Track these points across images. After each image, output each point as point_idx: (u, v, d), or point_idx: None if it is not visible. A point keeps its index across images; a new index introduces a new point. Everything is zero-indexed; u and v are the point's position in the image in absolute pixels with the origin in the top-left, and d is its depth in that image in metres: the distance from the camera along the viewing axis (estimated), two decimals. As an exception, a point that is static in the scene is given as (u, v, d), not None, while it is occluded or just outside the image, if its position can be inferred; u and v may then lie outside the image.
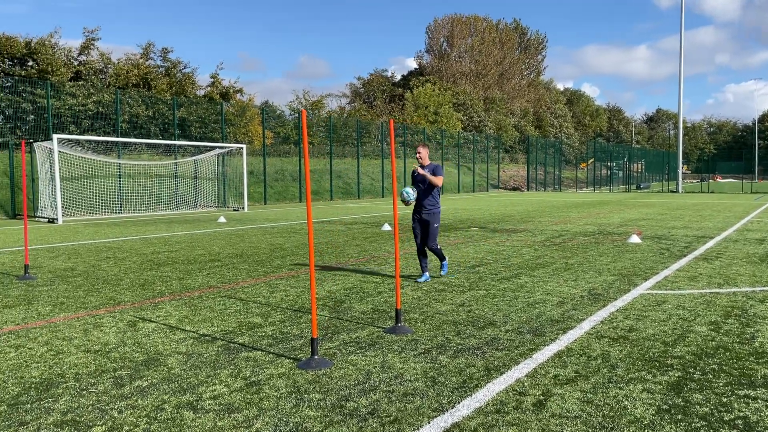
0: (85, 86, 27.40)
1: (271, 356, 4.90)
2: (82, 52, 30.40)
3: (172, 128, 28.39)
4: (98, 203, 22.59)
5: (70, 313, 6.46)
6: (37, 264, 9.91)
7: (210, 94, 35.62)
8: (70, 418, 3.67)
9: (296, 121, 40.46)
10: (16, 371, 4.55)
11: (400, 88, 64.71)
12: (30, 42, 27.05)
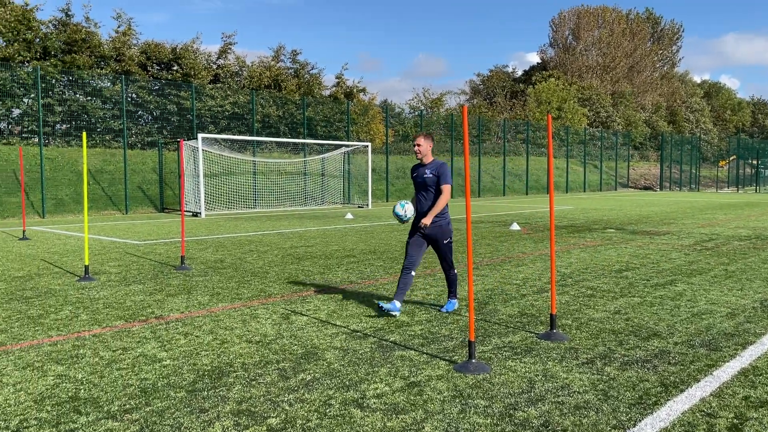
0: (222, 88, 29.14)
1: (425, 356, 4.83)
2: (220, 56, 32.35)
3: (301, 127, 29.47)
4: (235, 198, 23.93)
5: (227, 304, 6.80)
6: (189, 255, 10.58)
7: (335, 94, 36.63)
8: (245, 407, 3.80)
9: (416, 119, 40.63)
10: (188, 358, 4.82)
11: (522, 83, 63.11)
12: (175, 48, 29.18)
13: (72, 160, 22.87)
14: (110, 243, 12.55)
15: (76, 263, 9.71)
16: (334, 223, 17.42)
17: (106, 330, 5.67)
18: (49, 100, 23.19)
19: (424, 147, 6.16)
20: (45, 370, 4.51)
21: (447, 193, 6.04)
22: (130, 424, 3.55)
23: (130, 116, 25.43)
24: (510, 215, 20.25)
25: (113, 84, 25.19)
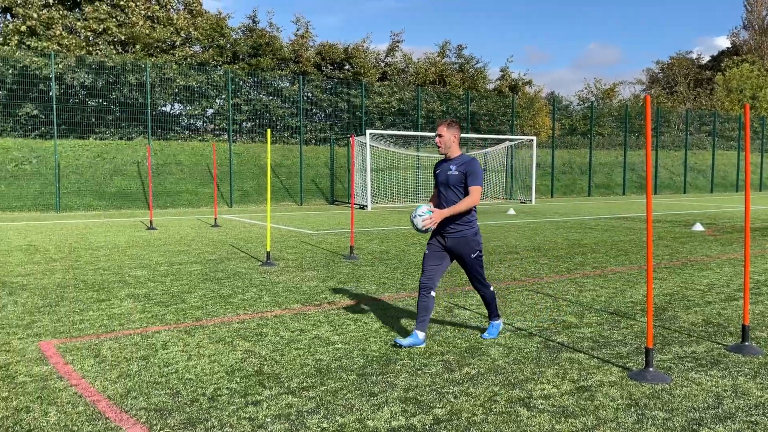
0: (389, 85, 30.04)
1: (595, 361, 4.61)
2: (388, 54, 33.36)
3: (464, 122, 29.45)
4: (398, 192, 24.60)
5: (392, 293, 7.02)
6: (357, 246, 11.08)
7: (500, 87, 36.11)
8: (412, 395, 3.90)
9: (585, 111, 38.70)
10: (358, 343, 5.05)
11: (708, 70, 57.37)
12: (347, 48, 30.63)
13: (255, 155, 24.96)
14: (287, 232, 13.53)
15: (259, 249, 10.61)
16: (495, 219, 17.21)
17: (285, 312, 6.14)
18: (237, 100, 25.52)
19: (446, 137, 4.93)
20: (234, 345, 4.99)
21: (475, 196, 4.82)
22: (308, 401, 3.81)
23: (306, 114, 27.15)
24: (692, 214, 18.56)
25: (292, 84, 27.07)
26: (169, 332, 5.36)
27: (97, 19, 24.81)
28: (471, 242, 4.94)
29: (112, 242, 11.48)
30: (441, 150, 4.99)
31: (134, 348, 4.88)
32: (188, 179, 22.73)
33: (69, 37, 23.97)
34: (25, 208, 18.96)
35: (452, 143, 4.95)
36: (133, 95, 23.44)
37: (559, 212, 19.81)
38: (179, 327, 5.54)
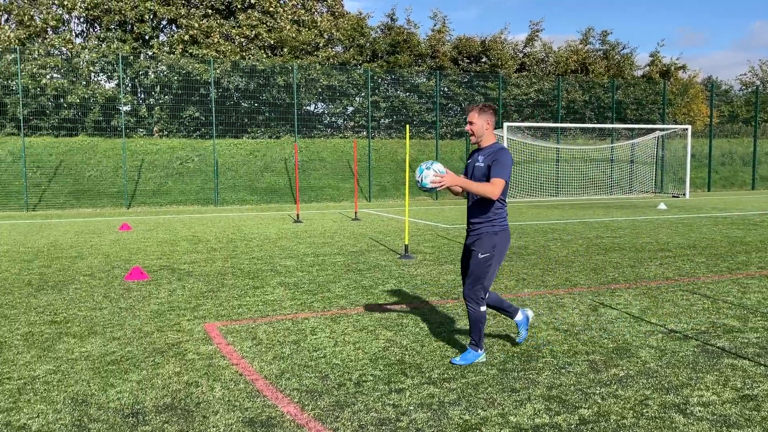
0: (528, 76, 29.27)
1: (762, 368, 4.21)
2: (527, 45, 32.49)
3: (608, 112, 27.96)
4: (537, 186, 23.92)
5: (532, 290, 6.88)
6: (495, 240, 10.96)
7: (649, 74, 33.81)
8: (555, 394, 3.82)
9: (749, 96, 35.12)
10: (498, 338, 5.02)
11: None
12: (485, 40, 30.29)
13: (393, 151, 25.49)
14: (424, 226, 13.70)
15: (397, 242, 10.85)
16: (644, 214, 16.19)
17: (424, 304, 6.24)
18: (375, 97, 26.19)
19: (478, 125, 4.35)
20: (377, 334, 5.17)
21: (495, 188, 4.19)
22: (449, 393, 3.86)
23: (442, 109, 27.24)
24: None
25: (428, 79, 27.27)
26: (316, 319, 5.67)
27: (250, 25, 26.61)
28: (485, 241, 4.30)
29: (264, 234, 12.30)
30: (473, 139, 4.42)
31: (286, 332, 5.22)
32: (330, 175, 23.74)
33: (225, 44, 25.95)
34: (188, 202, 20.86)
35: (485, 131, 4.37)
36: (281, 96, 24.90)
37: (718, 207, 18.20)
38: (326, 314, 5.83)
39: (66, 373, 4.21)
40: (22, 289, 7.03)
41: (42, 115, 22.68)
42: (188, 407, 3.64)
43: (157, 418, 3.49)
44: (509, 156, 4.31)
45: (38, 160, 20.90)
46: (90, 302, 6.34)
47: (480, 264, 4.29)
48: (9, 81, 22.17)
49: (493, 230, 4.32)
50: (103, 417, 3.50)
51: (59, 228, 13.73)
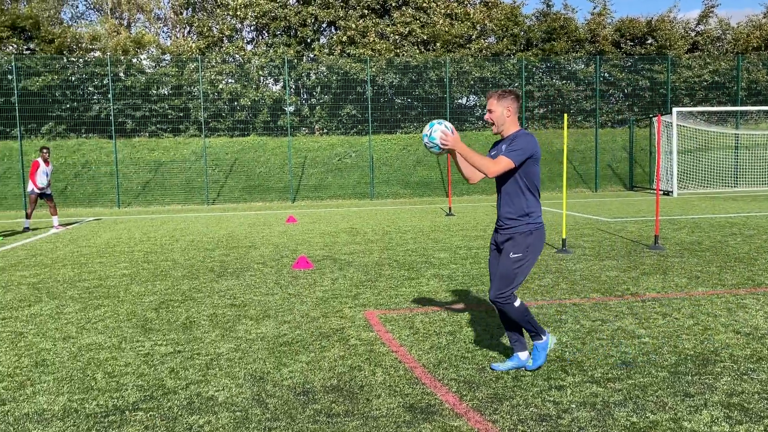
0: (701, 57, 26.79)
1: None
2: (700, 22, 29.72)
3: (801, 91, 24.74)
4: (711, 176, 21.86)
5: (707, 289, 6.33)
6: (662, 235, 10.21)
7: None
8: (737, 401, 3.50)
9: None
10: (668, 339, 4.70)
11: None
12: (650, 20, 28.19)
13: (548, 142, 24.67)
14: (582, 219, 13.12)
15: (553, 236, 10.51)
16: None
17: (584, 301, 6.00)
18: (530, 87, 25.50)
19: (498, 112, 3.97)
20: (534, 328, 5.07)
21: (495, 165, 3.84)
22: (614, 393, 3.69)
23: (602, 96, 25.83)
24: None
25: (587, 65, 26.00)
26: (471, 311, 5.69)
27: (404, 23, 27.15)
28: (519, 240, 3.94)
29: (417, 227, 12.55)
30: (494, 129, 4.05)
31: (442, 323, 5.30)
32: (483, 167, 23.55)
33: (380, 42, 26.72)
34: (346, 196, 21.85)
35: (506, 119, 3.97)
36: (433, 90, 25.14)
37: None
38: (480, 308, 5.83)
39: (245, 352, 4.64)
40: (206, 275, 7.83)
41: (219, 117, 24.97)
42: (352, 389, 3.84)
43: (325, 397, 3.73)
44: (530, 141, 3.88)
45: (216, 158, 23.07)
46: (263, 288, 6.91)
47: (510, 265, 3.92)
48: (192, 87, 24.67)
49: (527, 229, 3.95)
50: (278, 393, 3.82)
51: (235, 220, 15.06)
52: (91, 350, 4.75)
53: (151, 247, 10.51)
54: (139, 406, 3.66)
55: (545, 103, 26.38)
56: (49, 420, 3.48)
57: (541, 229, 3.99)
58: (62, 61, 24.48)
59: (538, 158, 3.94)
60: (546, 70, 26.61)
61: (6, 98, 22.27)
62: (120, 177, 21.04)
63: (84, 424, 3.42)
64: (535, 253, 3.97)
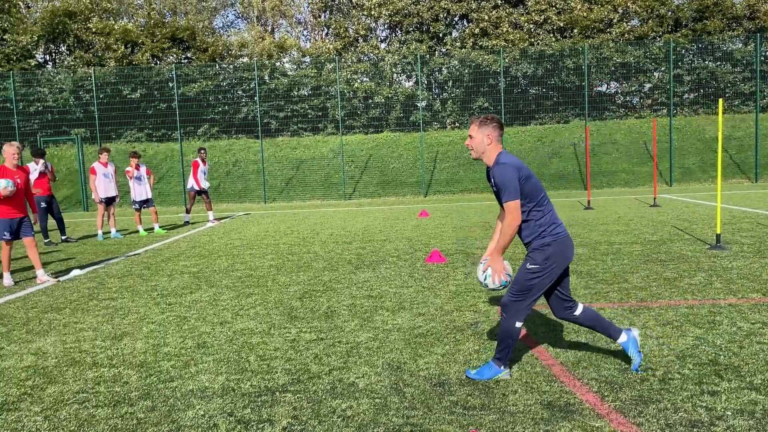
0: None
1: None
2: None
3: None
4: None
5: None
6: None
7: None
8: None
9: None
10: None
11: None
12: (824, -11, 25.10)
13: (699, 129, 22.83)
14: (740, 212, 12.02)
15: (705, 231, 9.75)
16: None
17: (742, 301, 5.53)
18: (678, 70, 23.72)
19: (477, 140, 3.89)
20: (683, 330, 4.76)
21: (510, 215, 3.75)
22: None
23: (763, 77, 23.41)
24: None
25: (745, 45, 23.68)
26: (613, 310, 5.45)
27: (539, 11, 26.36)
28: (537, 254, 3.81)
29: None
30: (473, 155, 3.96)
31: (581, 321, 5.14)
32: (624, 158, 22.31)
33: (513, 32, 26.17)
34: (478, 190, 21.68)
35: (486, 146, 3.87)
36: (570, 79, 24.18)
37: None
38: (623, 306, 5.57)
39: (383, 342, 4.81)
40: (345, 266, 8.18)
41: (354, 115, 25.80)
42: (488, 384, 3.85)
43: (461, 390, 3.78)
44: (507, 169, 3.74)
45: (352, 155, 23.88)
46: (398, 281, 7.09)
47: (525, 274, 3.82)
48: (329, 87, 25.71)
49: (544, 242, 3.82)
50: (414, 383, 3.93)
51: (370, 215, 15.53)
52: (244, 335, 5.17)
53: (295, 240, 11.15)
54: (288, 388, 3.94)
55: (696, 87, 24.41)
56: (210, 397, 3.85)
57: (560, 239, 3.85)
58: (215, 67, 26.56)
59: (527, 175, 3.81)
60: (697, 51, 24.59)
61: (168, 104, 24.61)
62: (266, 174, 22.47)
63: (240, 402, 3.75)
64: (555, 266, 3.82)
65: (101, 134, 23.44)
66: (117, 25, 28.63)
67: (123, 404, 3.77)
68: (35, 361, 4.67)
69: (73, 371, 4.41)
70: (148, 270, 8.54)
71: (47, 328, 5.64)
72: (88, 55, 28.22)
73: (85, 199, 21.78)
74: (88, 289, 7.41)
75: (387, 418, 3.42)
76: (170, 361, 4.55)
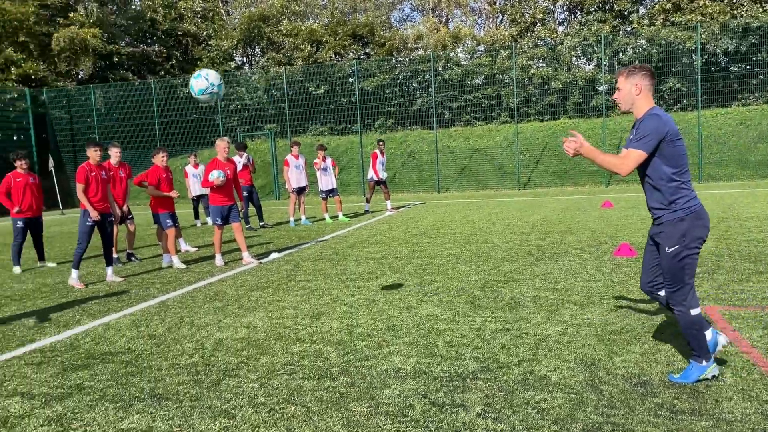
0: None
1: None
2: None
3: None
4: None
5: None
6: None
7: None
8: None
9: None
10: None
11: None
12: None
13: None
14: None
15: None
16: None
17: None
18: None
19: (624, 91, 3.60)
20: None
21: (622, 161, 3.46)
22: None
23: None
24: None
25: None
26: None
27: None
28: (669, 232, 3.52)
29: (764, 213, 10.87)
30: (620, 108, 3.67)
31: (806, 327, 4.54)
32: None
33: (712, 5, 23.67)
34: (668, 179, 20.00)
35: (635, 98, 3.59)
36: (782, 53, 21.33)
37: None
38: None
39: (573, 336, 4.65)
40: (525, 258, 8.03)
41: (529, 102, 25.11)
42: (696, 388, 3.56)
43: (666, 392, 3.53)
44: (658, 122, 3.42)
45: (527, 143, 23.30)
46: (584, 274, 6.79)
47: (670, 261, 3.54)
48: (503, 75, 25.28)
49: (675, 217, 3.51)
50: (612, 381, 3.75)
51: (547, 205, 15.05)
52: (430, 320, 5.30)
53: (471, 229, 11.17)
54: (478, 375, 3.97)
55: None
56: (404, 377, 4.01)
57: (695, 214, 3.51)
58: (391, 61, 27.40)
59: (674, 137, 3.46)
60: None
61: (348, 98, 25.89)
62: (439, 164, 22.75)
63: (432, 385, 3.85)
64: (693, 241, 3.51)
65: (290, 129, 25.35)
66: (304, 26, 30.70)
67: (326, 378, 4.07)
68: (247, 334, 5.20)
69: (280, 345, 4.85)
70: (336, 255, 9.10)
71: (255, 304, 6.26)
72: (278, 56, 30.63)
73: (277, 189, 23.74)
74: (286, 270, 8.08)
75: (585, 415, 3.31)
76: (364, 341, 4.81)
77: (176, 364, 4.50)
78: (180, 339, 5.15)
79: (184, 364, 4.50)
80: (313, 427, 3.37)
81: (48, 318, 6.15)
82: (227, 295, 6.77)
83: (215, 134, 25.99)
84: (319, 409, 3.58)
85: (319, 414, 3.52)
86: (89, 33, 28.09)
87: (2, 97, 25.56)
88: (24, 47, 27.89)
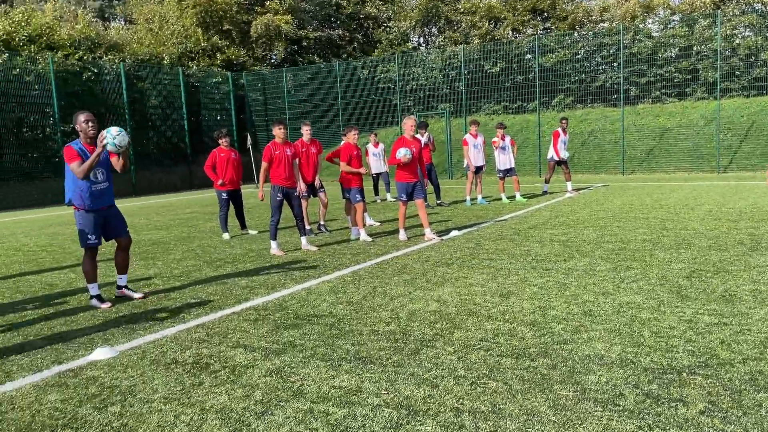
0: None
1: None
2: None
3: None
4: None
5: None
6: None
7: None
8: None
9: None
10: None
11: None
12: None
13: None
14: None
15: None
16: None
17: None
18: None
19: None
20: None
21: None
22: None
23: None
24: None
25: None
26: None
27: None
28: None
29: None
30: None
31: None
32: None
33: None
34: None
35: None
36: None
37: None
38: None
39: (808, 337, 4.09)
40: (736, 247, 7.23)
41: (732, 76, 22.47)
42: None
43: None
44: None
45: (729, 122, 20.92)
46: (814, 269, 5.95)
47: None
48: (702, 46, 22.84)
49: None
50: None
51: (755, 190, 13.44)
52: (631, 308, 4.98)
53: (666, 214, 10.32)
54: (695, 371, 3.65)
55: None
56: (608, 365, 3.81)
57: None
58: (573, 36, 26.02)
59: None
60: None
61: (525, 76, 25.11)
62: (624, 144, 21.29)
63: (643, 376, 3.61)
64: None
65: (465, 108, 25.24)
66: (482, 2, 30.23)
67: (524, 358, 4.00)
68: (438, 308, 5.29)
69: (472, 321, 4.86)
70: (518, 235, 8.92)
71: (442, 280, 6.34)
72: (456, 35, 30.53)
73: (450, 168, 23.84)
74: (468, 248, 8.09)
75: (837, 427, 2.90)
76: (560, 324, 4.65)
77: (375, 331, 4.70)
78: (375, 307, 5.38)
79: (382, 331, 4.69)
80: (518, 405, 3.33)
81: (257, 280, 6.77)
82: (414, 269, 6.94)
83: (392, 115, 26.69)
84: (522, 388, 3.53)
85: (523, 393, 3.47)
86: (282, 20, 30.22)
87: (209, 81, 28.48)
88: (227, 35, 30.78)
